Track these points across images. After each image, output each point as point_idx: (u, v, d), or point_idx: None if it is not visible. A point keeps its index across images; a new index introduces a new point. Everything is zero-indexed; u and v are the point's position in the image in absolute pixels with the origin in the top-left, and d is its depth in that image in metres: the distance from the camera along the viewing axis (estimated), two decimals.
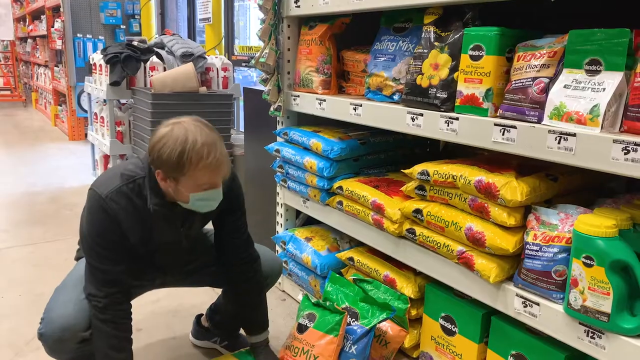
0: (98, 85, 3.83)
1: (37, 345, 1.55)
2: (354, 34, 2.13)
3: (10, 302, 2.38)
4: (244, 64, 4.61)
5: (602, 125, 1.16)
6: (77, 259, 1.70)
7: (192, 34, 5.76)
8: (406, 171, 1.66)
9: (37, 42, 8.47)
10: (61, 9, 6.01)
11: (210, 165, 1.37)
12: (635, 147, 1.08)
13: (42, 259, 2.85)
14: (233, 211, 1.66)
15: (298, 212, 2.44)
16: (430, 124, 1.55)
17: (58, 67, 6.91)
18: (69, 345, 1.46)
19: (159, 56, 3.73)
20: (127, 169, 1.49)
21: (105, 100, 3.71)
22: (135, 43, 3.80)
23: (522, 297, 1.34)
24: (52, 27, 6.69)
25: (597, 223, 1.15)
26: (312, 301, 1.78)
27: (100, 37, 6.09)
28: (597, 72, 1.20)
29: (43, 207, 3.80)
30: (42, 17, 7.42)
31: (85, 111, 5.97)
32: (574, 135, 1.18)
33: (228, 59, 4.70)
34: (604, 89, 1.17)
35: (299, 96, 2.18)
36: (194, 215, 1.55)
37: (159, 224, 1.51)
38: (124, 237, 1.49)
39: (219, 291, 1.99)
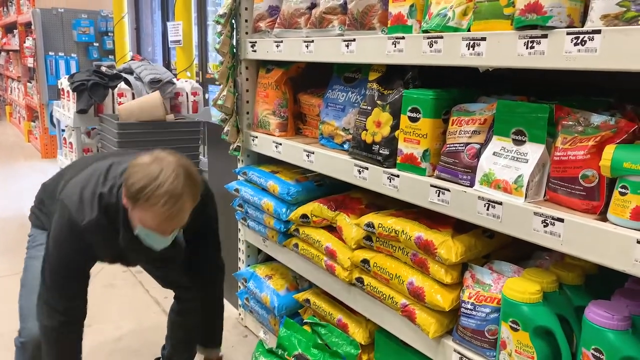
0: (66, 111, 3.82)
1: None
2: (312, 75, 2.17)
3: None
4: (217, 82, 4.63)
5: (525, 194, 1.21)
6: (36, 226, 1.76)
7: (167, 51, 5.76)
8: (354, 221, 1.70)
9: (10, 56, 8.37)
10: (32, 26, 5.96)
11: (160, 214, 1.37)
12: (552, 221, 1.13)
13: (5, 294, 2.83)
14: (204, 234, 1.74)
15: (260, 248, 2.46)
16: (375, 178, 1.59)
17: (31, 83, 6.84)
18: None
19: (127, 82, 3.73)
20: (104, 193, 1.47)
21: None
22: (103, 69, 3.80)
23: (459, 352, 1.39)
24: (24, 43, 6.62)
25: (522, 289, 1.20)
26: (267, 347, 1.81)
27: (72, 55, 6.05)
28: (522, 142, 1.25)
29: (12, 235, 3.76)
30: (15, 31, 7.35)
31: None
32: (501, 203, 1.23)
33: (201, 79, 4.73)
34: (528, 160, 1.22)
35: (257, 137, 2.21)
36: None
37: (125, 247, 1.56)
38: (94, 258, 1.58)
39: None
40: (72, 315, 1.56)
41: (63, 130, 4.54)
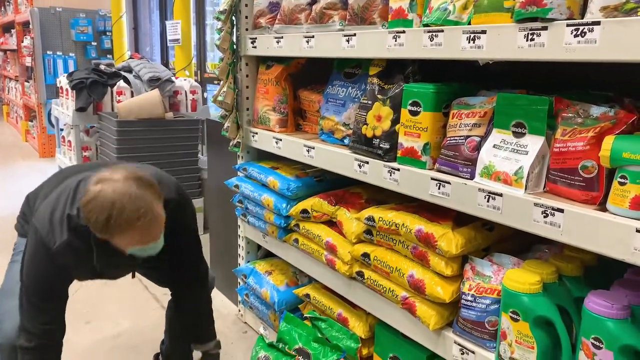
0: (65, 109, 3.82)
1: None
2: (312, 71, 2.18)
3: None
4: (216, 82, 4.64)
5: (525, 186, 1.22)
6: (21, 235, 1.79)
7: (165, 50, 5.77)
8: (355, 216, 1.71)
9: (7, 56, 8.35)
10: (30, 26, 5.95)
11: (140, 230, 1.34)
12: (552, 211, 1.14)
13: None
14: (182, 245, 1.67)
15: (259, 244, 2.47)
16: (375, 172, 1.60)
17: (28, 82, 6.83)
18: None
19: (126, 80, 3.73)
20: (72, 215, 1.44)
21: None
22: (102, 67, 3.80)
23: (459, 344, 1.40)
24: (22, 42, 6.61)
25: (522, 280, 1.21)
26: (267, 342, 1.81)
27: (71, 54, 6.04)
28: (522, 134, 1.26)
29: (10, 234, 3.74)
30: (13, 30, 7.33)
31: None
32: (501, 195, 1.24)
33: (200, 78, 4.73)
34: (528, 152, 1.23)
35: (257, 133, 2.22)
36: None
37: (102, 266, 1.53)
38: (70, 280, 1.55)
39: None
40: (50, 337, 1.53)
41: (62, 129, 4.53)
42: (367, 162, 1.63)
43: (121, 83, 3.68)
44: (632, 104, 1.22)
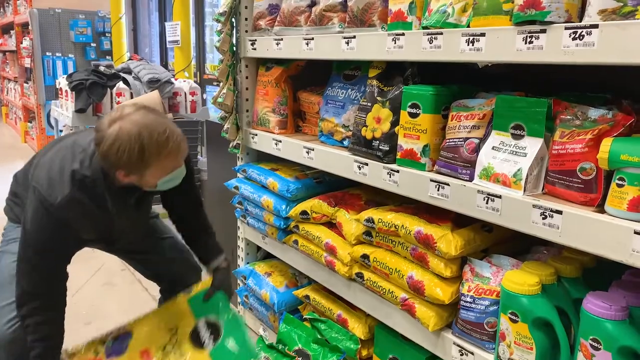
0: (64, 110, 3.82)
1: None
2: (311, 73, 2.19)
3: None
4: (215, 83, 4.65)
5: (524, 188, 1.23)
6: (11, 219, 1.75)
7: (164, 51, 5.77)
8: (354, 217, 1.72)
9: (6, 57, 8.36)
10: (30, 27, 5.96)
11: (172, 151, 1.40)
12: (551, 213, 1.15)
13: None
14: (186, 189, 1.73)
15: (259, 246, 2.47)
16: (375, 174, 1.61)
17: (27, 83, 6.83)
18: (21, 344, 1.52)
19: (126, 82, 3.73)
20: (76, 169, 1.46)
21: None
22: (102, 68, 3.80)
23: (458, 345, 1.40)
24: (21, 43, 6.62)
25: (521, 281, 1.22)
26: (267, 343, 1.82)
27: (70, 55, 6.05)
28: (521, 136, 1.27)
29: None
30: (12, 32, 7.34)
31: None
32: (500, 197, 1.25)
33: (199, 79, 4.74)
34: (526, 154, 1.24)
35: (257, 134, 2.22)
36: (148, 193, 1.61)
37: (116, 213, 1.54)
38: (74, 237, 1.54)
39: None
40: (53, 297, 1.51)
41: (61, 130, 4.53)
42: (367, 164, 1.63)
43: (120, 84, 3.68)
44: (630, 106, 1.22)
